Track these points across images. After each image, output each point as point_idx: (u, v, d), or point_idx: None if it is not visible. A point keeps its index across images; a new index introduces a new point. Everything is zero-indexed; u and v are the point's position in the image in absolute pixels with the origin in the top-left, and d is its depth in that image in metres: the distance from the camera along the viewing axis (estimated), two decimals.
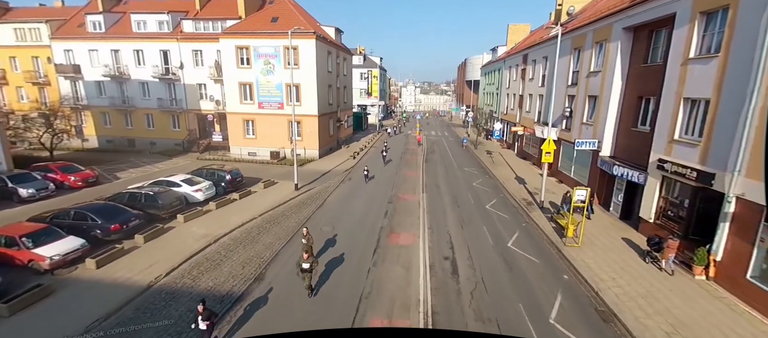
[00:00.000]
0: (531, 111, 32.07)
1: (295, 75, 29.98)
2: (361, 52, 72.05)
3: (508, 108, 40.85)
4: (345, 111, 41.24)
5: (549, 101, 27.44)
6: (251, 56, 30.17)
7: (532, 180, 25.47)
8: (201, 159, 30.77)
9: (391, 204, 19.97)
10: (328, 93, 34.33)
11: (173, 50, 33.94)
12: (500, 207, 19.93)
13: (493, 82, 50.19)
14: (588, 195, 14.56)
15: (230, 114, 31.89)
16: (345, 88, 40.78)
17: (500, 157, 34.11)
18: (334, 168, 28.52)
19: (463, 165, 30.84)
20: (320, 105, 31.40)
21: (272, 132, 31.21)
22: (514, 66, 38.32)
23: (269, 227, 16.31)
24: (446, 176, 26.63)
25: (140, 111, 36.08)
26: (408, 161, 31.92)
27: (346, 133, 42.55)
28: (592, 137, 20.55)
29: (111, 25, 35.71)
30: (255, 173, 25.87)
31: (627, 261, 13.78)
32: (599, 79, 20.33)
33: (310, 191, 22.31)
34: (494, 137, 31.04)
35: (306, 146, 31.55)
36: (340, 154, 34.55)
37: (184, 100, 35.05)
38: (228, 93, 31.55)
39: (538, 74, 30.48)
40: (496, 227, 16.91)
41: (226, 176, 20.61)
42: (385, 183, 24.31)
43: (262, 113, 31.23)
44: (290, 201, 20.17)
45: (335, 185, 23.80)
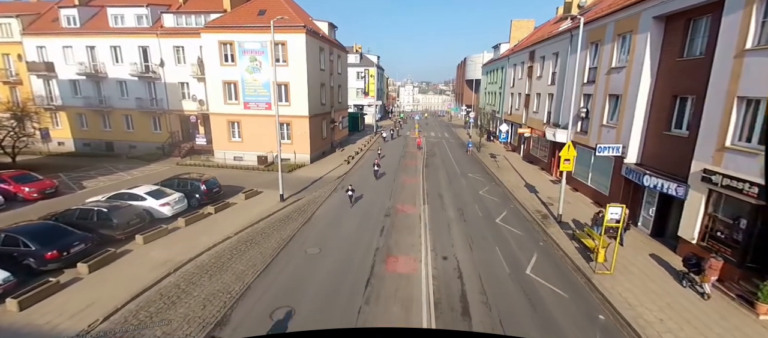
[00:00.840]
0: (539, 112, 29.73)
1: (284, 73, 27.58)
2: (357, 50, 69.58)
3: (512, 108, 38.51)
4: (339, 112, 38.80)
5: (561, 101, 25.14)
6: (236, 52, 27.69)
7: (544, 188, 23.10)
8: (181, 165, 28.26)
9: (388, 218, 17.56)
10: (321, 92, 31.89)
11: (153, 46, 31.42)
12: (512, 221, 17.54)
13: (495, 81, 47.87)
14: (624, 215, 12.19)
15: (214, 115, 29.40)
16: (339, 87, 38.35)
17: (505, 161, 31.75)
18: (327, 174, 26.06)
19: (466, 170, 28.45)
20: (311, 105, 28.95)
21: (259, 135, 28.73)
22: (520, 64, 35.99)
23: (244, 250, 13.85)
24: (449, 184, 24.24)
25: (118, 112, 33.53)
26: (407, 166, 29.51)
27: (341, 135, 40.10)
28: (615, 141, 18.19)
29: (86, 20, 33.16)
30: (238, 181, 23.40)
31: (671, 294, 11.43)
32: (623, 75, 17.99)
33: (297, 202, 19.86)
34: (500, 139, 28.65)
35: (296, 149, 29.09)
36: (333, 158, 32.09)
37: (166, 100, 32.53)
38: (211, 93, 29.06)
39: (548, 72, 28.14)
40: (510, 248, 14.52)
41: (201, 186, 18.12)
42: (382, 192, 21.89)
43: (249, 114, 28.75)
44: (273, 215, 17.71)
45: (326, 194, 21.36)
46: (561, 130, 23.96)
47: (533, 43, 31.65)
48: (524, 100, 33.99)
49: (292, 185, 22.91)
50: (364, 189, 22.26)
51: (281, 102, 28.45)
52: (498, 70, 46.18)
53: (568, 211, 18.26)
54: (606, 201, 19.38)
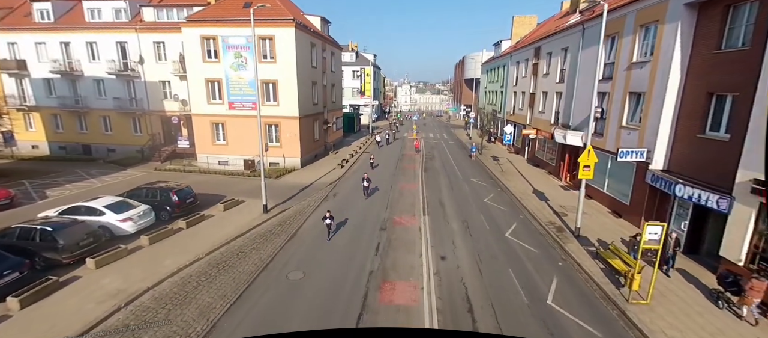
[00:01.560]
0: (546, 112, 27.83)
1: (272, 70, 25.52)
2: (353, 48, 67.56)
3: (515, 108, 36.61)
4: (333, 112, 36.75)
5: (572, 100, 23.24)
6: (219, 48, 25.57)
7: (555, 195, 21.18)
8: (160, 170, 26.12)
9: (384, 232, 15.54)
10: (313, 91, 29.83)
11: (132, 42, 29.24)
12: (524, 235, 15.57)
13: (496, 79, 45.99)
14: (671, 241, 10.29)
15: (196, 116, 27.25)
16: (333, 86, 36.30)
17: (509, 164, 29.82)
18: (318, 180, 24.00)
19: (469, 175, 26.49)
20: (302, 105, 26.88)
21: (246, 137, 26.61)
22: (523, 61, 34.09)
23: (215, 276, 11.79)
24: (451, 191, 22.25)
25: (95, 113, 31.31)
26: (405, 170, 27.50)
27: (335, 136, 38.05)
28: (638, 145, 16.29)
29: (61, 14, 30.95)
30: (220, 189, 21.30)
31: (722, 329, 9.49)
32: (646, 71, 16.08)
33: (283, 213, 17.80)
34: (505, 141, 26.69)
35: (285, 153, 27.00)
36: (326, 161, 30.04)
37: (146, 100, 30.35)
38: (193, 92, 26.91)
39: (555, 69, 26.24)
40: (525, 270, 12.55)
41: (172, 197, 16.01)
42: (378, 202, 19.86)
43: (234, 115, 26.63)
44: (254, 230, 15.64)
45: (315, 204, 19.31)
46: (572, 132, 22.06)
47: (539, 38, 29.75)
48: (529, 99, 32.09)
49: (279, 193, 20.86)
50: (355, 202, 20.22)
51: (269, 102, 26.41)
52: (499, 68, 44.30)
53: (585, 223, 16.33)
54: (625, 211, 17.54)
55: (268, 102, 26.34)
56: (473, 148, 32.35)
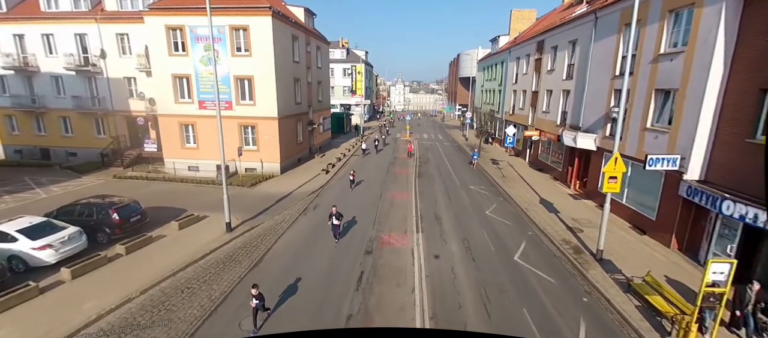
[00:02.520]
0: (550, 111, 25.42)
1: (247, 65, 22.77)
2: (344, 45, 64.84)
3: (515, 107, 34.23)
4: (320, 112, 34.02)
5: (582, 99, 20.83)
6: (187, 40, 22.72)
7: (564, 205, 18.74)
8: (120, 178, 23.21)
9: (370, 257, 12.93)
10: (295, 89, 27.08)
11: (92, 34, 26.25)
12: (536, 259, 13.06)
13: (493, 77, 43.62)
14: (750, 294, 7.85)
15: (163, 117, 24.35)
16: (319, 83, 33.57)
17: (510, 168, 27.38)
18: (297, 189, 21.29)
19: (467, 181, 23.97)
20: (282, 104, 24.13)
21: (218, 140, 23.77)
22: (524, 57, 31.70)
23: (146, 325, 9.07)
24: (448, 200, 19.70)
25: (54, 113, 28.22)
26: (396, 177, 24.90)
27: (322, 138, 35.32)
28: (669, 151, 13.87)
29: (14, 4, 27.81)
30: (182, 201, 18.50)
31: None
32: (679, 64, 13.66)
33: (250, 232, 15.08)
34: (507, 144, 24.26)
35: (263, 157, 24.23)
36: (310, 166, 27.32)
37: (109, 98, 27.37)
38: (159, 89, 24.01)
39: (562, 64, 23.83)
40: (544, 309, 10.02)
41: (112, 215, 13.20)
42: (364, 216, 17.25)
43: (205, 115, 23.78)
44: (211, 255, 12.92)
45: (291, 219, 16.62)
46: (584, 134, 19.64)
47: (543, 31, 27.33)
48: (531, 98, 29.69)
49: (251, 205, 18.14)
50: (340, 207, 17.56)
51: (244, 100, 23.63)
52: (497, 65, 41.91)
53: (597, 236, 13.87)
54: (650, 227, 15.09)
55: (244, 101, 23.57)
56: (475, 154, 28.38)
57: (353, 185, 21.56)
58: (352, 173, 21.88)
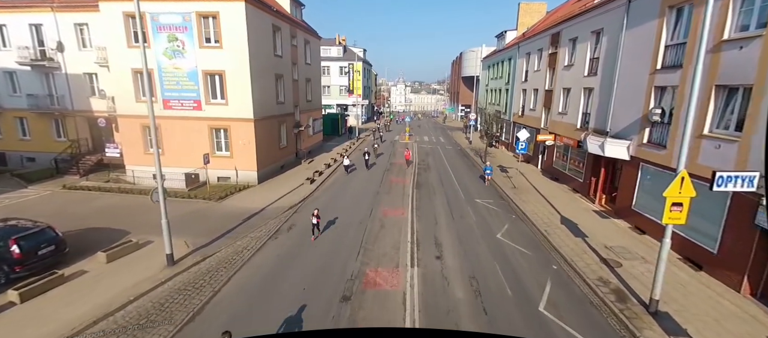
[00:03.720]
0: (568, 112, 22.17)
1: (218, 58, 19.68)
2: (341, 42, 61.72)
3: (524, 108, 30.99)
4: (309, 112, 30.88)
5: (610, 98, 17.57)
6: (149, 29, 19.62)
7: (591, 225, 15.50)
8: (71, 188, 20.15)
9: (347, 306, 9.75)
10: (277, 87, 23.95)
11: (48, 24, 23.25)
12: (569, 311, 9.82)
13: (499, 75, 40.40)
14: None
15: (123, 118, 21.28)
16: (308, 81, 30.43)
17: (521, 177, 24.12)
18: (274, 203, 18.15)
19: (472, 193, 20.76)
20: (259, 104, 21.00)
21: (187, 144, 20.73)
22: (535, 52, 28.46)
23: None
24: (450, 219, 16.50)
25: (8, 113, 25.23)
26: (392, 187, 21.71)
27: (311, 141, 32.19)
28: (738, 165, 10.66)
29: None
30: (134, 218, 15.41)
31: None
32: (752, 52, 10.42)
33: (198, 266, 11.91)
34: (518, 150, 21.05)
35: (238, 165, 21.09)
36: (295, 174, 24.17)
37: (68, 96, 24.35)
38: (118, 86, 20.95)
39: (583, 58, 20.60)
40: None
41: (12, 247, 10.06)
42: (349, 240, 14.08)
43: (171, 116, 20.71)
44: (138, 301, 9.77)
45: (257, 245, 13.45)
46: (614, 140, 16.39)
47: (558, 22, 24.07)
48: (543, 97, 26.45)
49: (213, 224, 15.02)
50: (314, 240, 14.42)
51: (215, 99, 20.53)
52: (503, 62, 38.68)
53: (641, 272, 10.66)
54: (711, 263, 11.63)
55: (214, 100, 20.46)
56: (487, 168, 22.55)
57: (317, 233, 13.88)
58: (316, 215, 13.66)
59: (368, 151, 27.27)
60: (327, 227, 15.13)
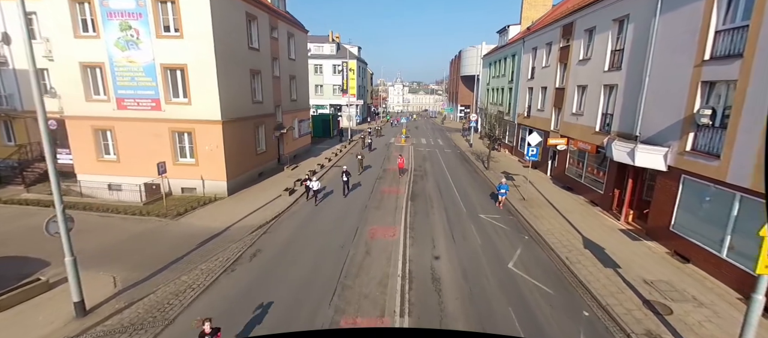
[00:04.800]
0: (584, 113, 19.45)
1: (178, 49, 16.88)
2: (334, 39, 58.90)
3: (531, 108, 28.29)
4: (294, 113, 28.08)
5: (637, 96, 14.84)
6: (98, 16, 16.80)
7: (621, 251, 12.75)
8: (5, 202, 17.26)
9: None
10: (254, 84, 21.16)
11: None
12: None
13: (502, 73, 37.71)
14: None
15: (71, 119, 18.43)
16: (293, 79, 27.62)
17: (530, 186, 21.36)
18: (241, 221, 15.33)
19: (475, 206, 18.00)
20: (228, 103, 18.20)
21: (146, 150, 17.89)
22: (543, 46, 25.76)
23: None
24: (451, 241, 13.72)
25: None
26: (383, 199, 18.95)
27: (298, 145, 29.39)
28: None
29: None
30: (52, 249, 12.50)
31: None
32: None
33: (118, 316, 9.07)
34: (528, 156, 18.29)
35: (204, 174, 18.28)
36: (275, 182, 21.36)
37: (18, 95, 21.49)
38: (65, 82, 18.12)
39: (602, 51, 17.89)
40: None
41: None
42: (321, 275, 11.29)
43: (126, 117, 17.87)
44: None
45: (206, 281, 10.63)
46: (646, 147, 13.64)
47: (571, 11, 21.34)
48: (553, 96, 23.75)
49: (161, 250, 12.23)
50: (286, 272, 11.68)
51: (176, 98, 17.70)
52: (506, 59, 35.99)
53: (699, 321, 7.96)
54: None
55: (176, 98, 17.64)
56: (502, 187, 17.44)
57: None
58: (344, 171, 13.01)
59: (348, 170, 19.52)
60: (301, 252, 12.36)
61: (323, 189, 19.19)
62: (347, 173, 19.28)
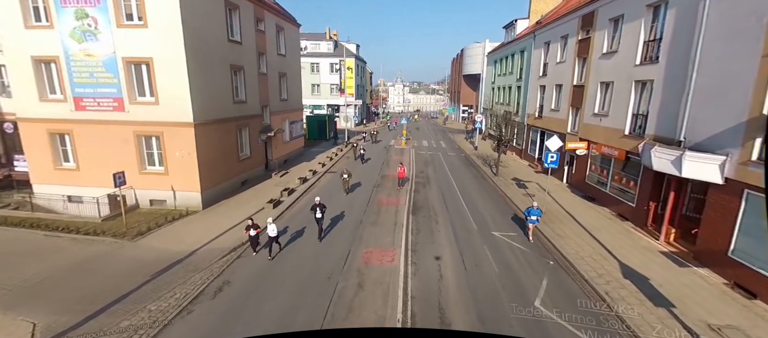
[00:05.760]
0: (610, 113, 17.11)
1: (143, 41, 14.60)
2: (332, 37, 56.60)
3: (543, 108, 25.96)
4: (285, 114, 25.78)
5: (682, 93, 12.48)
6: (51, 3, 14.51)
7: (669, 281, 10.42)
8: None
9: None
10: (235, 81, 18.87)
11: None
12: None
13: (509, 71, 35.37)
14: None
15: (24, 122, 16.13)
16: (283, 76, 25.31)
17: (545, 195, 19.04)
18: (212, 241, 13.01)
19: (487, 221, 15.67)
20: (203, 103, 15.90)
21: (109, 157, 15.58)
22: (558, 40, 23.44)
23: None
24: (461, 270, 11.41)
25: None
26: (381, 212, 16.66)
27: (288, 148, 27.09)
28: None
29: None
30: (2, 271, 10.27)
31: None
32: None
33: None
34: (547, 163, 15.92)
35: (175, 184, 15.97)
36: (259, 192, 19.06)
37: None
38: (15, 79, 15.82)
39: (632, 42, 15.55)
40: None
41: None
42: (300, 320, 9.00)
43: (85, 120, 15.58)
44: None
45: (153, 328, 8.31)
46: (697, 156, 11.28)
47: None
48: (569, 95, 21.43)
49: (104, 283, 9.96)
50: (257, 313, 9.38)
51: (142, 97, 15.42)
52: (514, 55, 33.66)
53: None
54: None
55: (141, 97, 15.35)
56: (534, 212, 13.14)
57: None
58: None
59: (322, 203, 13.10)
60: (279, 285, 10.07)
61: (284, 232, 13.69)
62: (321, 207, 12.93)
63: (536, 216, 13.18)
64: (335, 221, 15.11)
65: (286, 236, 13.58)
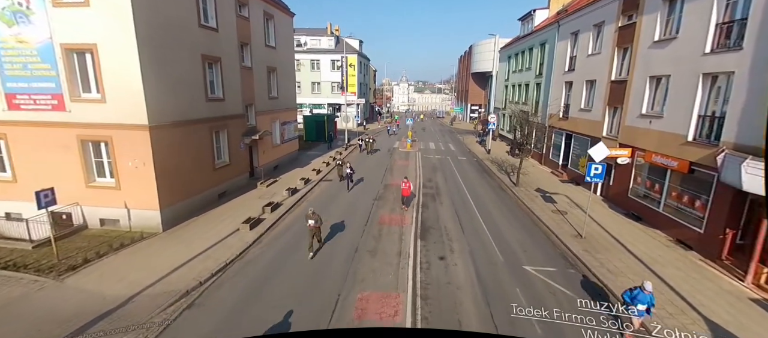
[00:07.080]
0: (665, 115, 13.91)
1: (85, 24, 11.65)
2: (334, 32, 53.66)
3: (570, 107, 22.78)
4: (274, 113, 22.83)
5: None
6: None
7: None
8: None
9: None
10: (209, 75, 15.92)
11: None
12: None
13: (526, 66, 32.16)
14: None
15: None
16: (273, 72, 22.35)
17: (578, 211, 15.88)
18: (162, 279, 10.04)
19: (513, 249, 12.58)
20: (163, 100, 12.96)
21: (50, 166, 12.73)
22: (590, 29, 20.23)
23: None
24: (489, 323, 8.36)
25: None
26: (381, 234, 13.65)
27: (280, 153, 24.16)
28: None
29: None
30: None
31: None
32: None
33: None
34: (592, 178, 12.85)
35: (129, 200, 13.05)
36: (238, 206, 16.11)
37: None
38: None
39: (697, 26, 12.36)
40: None
41: None
42: None
43: (21, 121, 12.73)
44: None
45: None
46: None
47: None
48: (606, 92, 18.24)
49: None
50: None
51: (86, 93, 12.53)
52: (532, 49, 30.45)
53: None
54: None
55: (86, 94, 12.46)
56: (643, 299, 7.34)
57: None
58: None
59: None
60: None
61: None
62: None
63: (648, 305, 7.43)
64: (324, 242, 12.13)
65: (258, 266, 10.60)
